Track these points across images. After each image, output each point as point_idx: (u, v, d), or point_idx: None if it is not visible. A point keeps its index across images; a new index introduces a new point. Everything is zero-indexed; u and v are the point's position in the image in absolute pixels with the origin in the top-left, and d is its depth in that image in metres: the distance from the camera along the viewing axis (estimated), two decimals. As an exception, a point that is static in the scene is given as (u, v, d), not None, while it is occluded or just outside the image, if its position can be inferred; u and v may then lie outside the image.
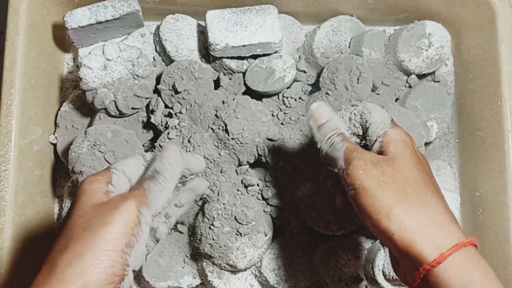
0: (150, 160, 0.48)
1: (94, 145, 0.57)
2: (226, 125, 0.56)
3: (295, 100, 0.62)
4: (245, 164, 0.58)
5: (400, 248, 0.40)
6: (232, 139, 0.56)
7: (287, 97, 0.61)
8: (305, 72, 0.66)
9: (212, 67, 0.65)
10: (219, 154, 0.57)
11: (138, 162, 0.47)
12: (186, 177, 0.51)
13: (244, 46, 0.61)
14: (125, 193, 0.45)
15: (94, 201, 0.43)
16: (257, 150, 0.57)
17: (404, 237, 0.39)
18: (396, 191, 0.41)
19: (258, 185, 0.58)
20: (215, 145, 0.57)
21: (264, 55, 0.64)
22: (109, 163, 0.57)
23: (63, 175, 0.66)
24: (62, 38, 0.68)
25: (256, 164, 0.60)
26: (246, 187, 0.58)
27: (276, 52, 0.63)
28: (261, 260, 0.59)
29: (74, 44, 0.64)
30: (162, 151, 0.47)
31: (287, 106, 0.61)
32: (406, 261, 0.40)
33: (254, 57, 0.64)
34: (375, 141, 0.45)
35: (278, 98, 0.62)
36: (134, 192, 0.43)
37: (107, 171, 0.45)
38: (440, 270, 0.38)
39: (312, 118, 0.47)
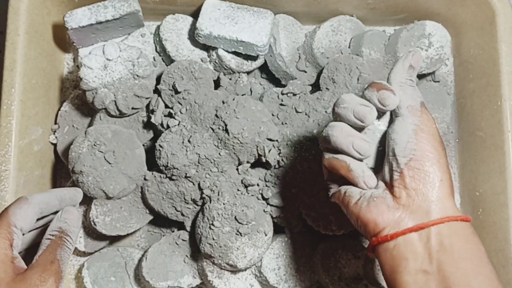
0: (44, 207, 0.48)
1: (94, 145, 0.57)
2: (226, 125, 0.56)
3: (295, 95, 0.61)
4: (245, 163, 0.58)
5: (432, 194, 0.41)
6: (233, 138, 0.56)
7: (287, 94, 0.61)
8: (305, 72, 0.66)
9: (212, 67, 0.65)
10: (219, 154, 0.57)
11: (34, 213, 0.47)
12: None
13: (226, 39, 0.61)
14: (38, 265, 0.44)
15: (7, 275, 0.42)
16: (257, 150, 0.57)
17: (446, 189, 0.41)
18: (445, 155, 0.43)
19: (258, 185, 0.58)
20: (215, 145, 0.57)
21: (247, 56, 0.64)
22: (110, 163, 0.57)
23: (63, 175, 0.66)
24: (62, 38, 0.68)
25: (256, 164, 0.60)
26: (246, 187, 0.58)
27: (258, 56, 0.64)
28: (261, 260, 0.59)
29: (74, 44, 0.64)
30: (63, 213, 0.48)
31: (286, 106, 0.61)
32: (419, 206, 0.41)
33: (248, 56, 0.64)
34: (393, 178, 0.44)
35: (278, 97, 0.62)
36: (51, 268, 0.44)
37: (7, 230, 0.44)
38: (462, 225, 0.41)
39: (406, 58, 0.45)
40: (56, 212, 0.50)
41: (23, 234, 0.46)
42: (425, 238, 0.40)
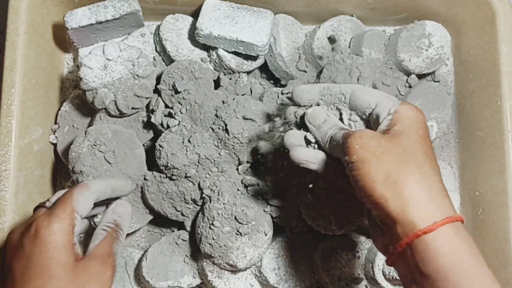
0: (100, 195, 0.49)
1: (94, 144, 0.57)
2: (226, 125, 0.56)
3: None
4: (245, 163, 0.58)
5: (391, 215, 0.40)
6: (233, 138, 0.56)
7: (286, 94, 0.61)
8: (305, 72, 0.66)
9: (212, 67, 0.65)
10: (219, 154, 0.57)
11: (93, 200, 0.48)
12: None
13: (226, 39, 0.61)
14: (99, 255, 0.46)
15: (71, 260, 0.44)
16: (257, 150, 0.57)
17: (398, 203, 0.39)
18: (394, 161, 0.41)
19: (258, 185, 0.58)
20: (215, 145, 0.57)
21: (247, 56, 0.64)
22: (110, 163, 0.57)
23: (63, 175, 0.66)
24: (62, 38, 0.68)
25: (256, 164, 0.60)
26: (246, 187, 0.58)
27: (258, 56, 0.64)
28: (261, 260, 0.59)
29: (74, 44, 0.64)
30: (117, 206, 0.51)
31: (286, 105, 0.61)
32: (393, 229, 0.40)
33: (248, 56, 0.64)
34: (384, 118, 0.45)
35: (278, 97, 0.62)
36: (109, 260, 0.47)
37: (71, 216, 0.45)
38: (430, 237, 0.38)
39: (308, 120, 0.47)
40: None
41: None
42: (405, 261, 0.40)
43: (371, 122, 0.47)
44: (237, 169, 0.59)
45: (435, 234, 0.38)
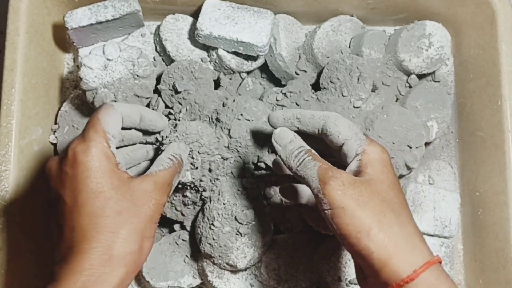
0: (125, 118, 0.48)
1: (94, 145, 0.57)
2: (229, 129, 0.56)
3: (295, 93, 0.61)
4: (250, 165, 0.58)
5: (376, 266, 0.41)
6: (235, 142, 0.56)
7: (286, 94, 0.61)
8: (305, 72, 0.66)
9: (212, 67, 0.65)
10: (222, 158, 0.57)
11: (121, 121, 0.47)
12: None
13: (226, 39, 0.61)
14: (156, 180, 0.46)
15: (121, 180, 0.44)
16: (261, 150, 0.57)
17: (383, 255, 0.40)
18: (375, 211, 0.42)
19: (258, 186, 0.58)
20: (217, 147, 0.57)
21: (248, 56, 0.64)
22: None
23: (63, 175, 0.66)
24: (63, 38, 0.68)
25: (256, 164, 0.60)
26: (246, 188, 0.58)
27: (258, 56, 0.64)
28: (261, 260, 0.59)
29: (74, 44, 0.64)
30: (180, 144, 0.51)
31: (287, 106, 0.61)
32: (377, 278, 0.41)
33: (248, 56, 0.64)
34: (353, 159, 0.45)
35: (278, 97, 0.62)
36: (167, 190, 0.46)
37: (104, 138, 0.44)
38: (413, 286, 0.40)
39: (275, 140, 0.47)
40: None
41: None
42: None
43: (341, 157, 0.47)
44: (240, 171, 0.59)
45: (417, 281, 0.40)
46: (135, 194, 0.44)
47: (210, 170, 0.56)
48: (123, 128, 0.49)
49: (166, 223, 0.64)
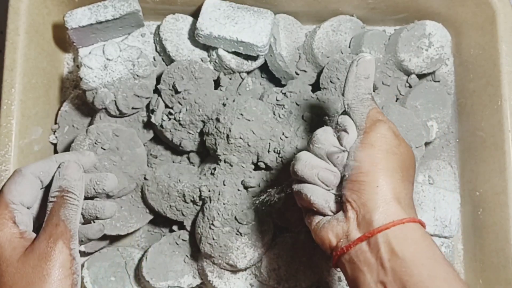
0: (42, 175, 0.46)
1: (95, 143, 0.57)
2: (230, 129, 0.56)
3: (295, 93, 0.61)
4: (250, 165, 0.58)
5: (371, 202, 0.41)
6: (235, 141, 0.56)
7: (286, 94, 0.61)
8: (305, 71, 0.66)
9: (212, 67, 0.65)
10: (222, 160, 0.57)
11: (31, 183, 0.45)
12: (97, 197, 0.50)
13: (226, 39, 0.61)
14: (44, 231, 0.43)
15: (17, 251, 0.42)
16: (261, 149, 0.57)
17: (387, 194, 0.41)
18: (400, 166, 0.43)
19: (259, 185, 0.58)
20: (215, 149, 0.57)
21: (248, 56, 0.64)
22: (110, 161, 0.57)
23: (63, 175, 0.66)
24: (62, 38, 0.68)
25: (256, 164, 0.60)
26: (246, 188, 0.58)
27: (258, 56, 0.64)
28: (261, 260, 0.59)
29: (74, 44, 0.64)
30: (61, 169, 0.46)
31: (286, 106, 0.61)
32: (370, 215, 0.41)
33: (248, 56, 0.64)
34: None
35: (278, 97, 0.62)
36: (56, 231, 0.43)
37: (6, 209, 0.43)
38: (411, 227, 0.41)
39: (356, 66, 0.46)
40: None
41: (28, 208, 0.45)
42: (375, 248, 0.40)
43: None
44: (240, 170, 0.59)
45: (414, 225, 0.41)
46: (28, 262, 0.41)
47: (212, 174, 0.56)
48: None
49: (166, 223, 0.64)
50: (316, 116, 0.60)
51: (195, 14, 0.66)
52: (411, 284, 0.38)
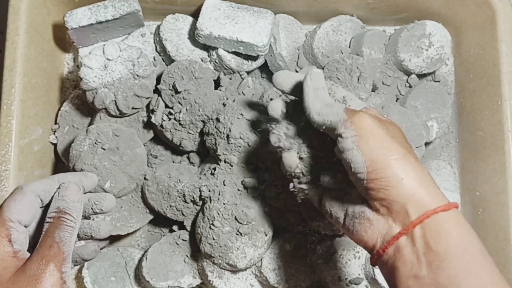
0: (43, 194, 0.46)
1: (95, 143, 0.57)
2: (230, 129, 0.56)
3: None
4: (250, 165, 0.58)
5: (401, 196, 0.40)
6: (235, 141, 0.56)
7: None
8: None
9: (213, 67, 0.65)
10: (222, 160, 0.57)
11: (31, 202, 0.45)
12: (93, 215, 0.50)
13: (226, 39, 0.61)
14: (37, 252, 0.42)
15: (8, 271, 0.41)
16: (260, 150, 0.57)
17: (412, 183, 0.40)
18: (403, 145, 0.42)
19: (258, 186, 0.58)
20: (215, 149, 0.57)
21: (248, 56, 0.64)
22: (110, 161, 0.57)
23: (63, 175, 0.66)
24: (63, 38, 0.68)
25: (256, 164, 0.60)
26: (246, 188, 0.58)
27: (258, 56, 0.64)
28: (261, 260, 0.59)
29: (74, 44, 0.64)
30: (61, 190, 0.46)
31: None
32: (400, 212, 0.40)
33: (248, 56, 0.64)
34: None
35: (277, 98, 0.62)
36: (49, 253, 0.42)
37: (3, 226, 0.43)
38: (443, 217, 0.39)
39: (307, 81, 0.45)
40: None
41: (26, 226, 0.45)
42: (410, 242, 0.40)
43: None
44: (241, 171, 0.59)
45: (447, 214, 0.39)
46: (20, 280, 0.41)
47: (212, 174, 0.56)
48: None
49: (166, 223, 0.64)
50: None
51: (195, 14, 0.66)
52: (444, 278, 0.38)
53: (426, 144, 0.66)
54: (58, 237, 0.43)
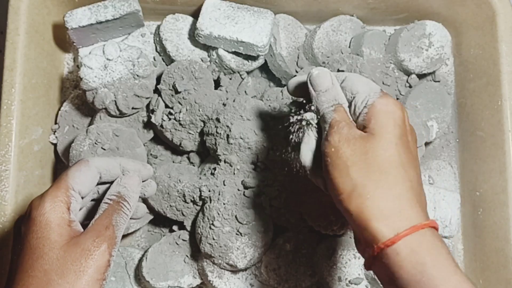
0: (104, 173, 0.47)
1: (95, 143, 0.57)
2: (230, 129, 0.56)
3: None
4: (250, 165, 0.58)
5: (359, 227, 0.40)
6: (235, 142, 0.56)
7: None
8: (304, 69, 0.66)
9: (213, 66, 0.65)
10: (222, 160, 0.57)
11: (93, 176, 0.47)
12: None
13: (226, 39, 0.61)
14: (93, 229, 0.43)
15: (62, 238, 0.42)
16: (261, 150, 0.57)
17: (363, 217, 0.39)
18: (362, 172, 0.40)
19: (258, 186, 0.58)
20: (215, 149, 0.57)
21: (248, 56, 0.64)
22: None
23: (63, 175, 0.66)
24: (63, 38, 0.68)
25: (256, 164, 0.60)
26: (246, 188, 0.58)
27: (258, 56, 0.64)
28: (261, 260, 0.59)
29: (74, 44, 0.64)
30: (124, 177, 0.48)
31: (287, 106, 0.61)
32: (364, 239, 0.40)
33: (248, 56, 0.64)
34: (360, 113, 0.43)
35: (276, 98, 0.62)
36: (105, 233, 0.43)
37: (65, 193, 0.44)
38: (393, 250, 0.38)
39: (311, 82, 0.45)
40: None
41: (82, 198, 0.46)
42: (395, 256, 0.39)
43: (350, 112, 0.45)
44: (239, 171, 0.59)
45: (397, 246, 0.38)
46: (70, 253, 0.41)
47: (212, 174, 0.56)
48: (104, 183, 0.49)
49: (166, 223, 0.64)
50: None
51: (195, 14, 0.66)
52: None
53: (426, 144, 0.66)
54: (115, 220, 0.44)
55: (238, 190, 0.58)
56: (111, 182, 0.49)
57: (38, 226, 0.42)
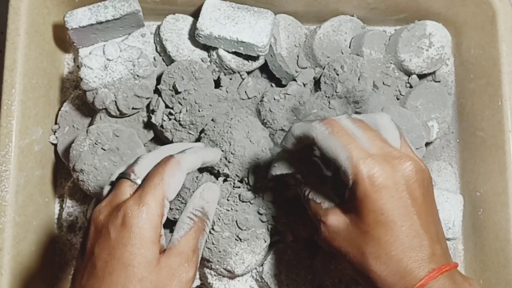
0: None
1: (95, 143, 0.57)
2: (230, 143, 0.56)
3: (293, 96, 0.61)
4: (250, 173, 0.58)
5: None
6: (236, 158, 0.56)
7: (285, 96, 0.61)
8: (306, 68, 0.66)
9: (213, 67, 0.65)
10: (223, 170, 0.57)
11: (183, 180, 0.43)
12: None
13: (226, 39, 0.61)
14: (182, 252, 0.41)
15: (155, 257, 0.39)
16: (254, 165, 0.57)
17: (368, 283, 0.41)
18: (357, 250, 0.42)
19: (258, 192, 0.58)
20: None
21: (248, 56, 0.64)
22: (113, 162, 0.56)
23: (63, 175, 0.66)
24: (63, 38, 0.68)
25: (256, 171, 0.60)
26: (246, 194, 0.58)
27: (258, 56, 0.64)
28: (262, 265, 0.59)
29: (74, 44, 0.64)
30: (205, 190, 0.45)
31: (287, 107, 0.61)
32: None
33: (248, 57, 0.64)
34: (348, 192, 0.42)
35: (277, 97, 0.62)
36: (193, 259, 0.41)
37: (161, 203, 0.40)
38: None
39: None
40: None
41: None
42: None
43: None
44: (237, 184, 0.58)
45: None
46: (161, 275, 0.40)
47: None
48: None
49: (166, 223, 0.64)
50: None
51: (195, 14, 0.66)
52: None
53: (427, 144, 0.66)
54: (200, 243, 0.43)
55: (239, 196, 0.58)
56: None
57: (134, 240, 0.39)
